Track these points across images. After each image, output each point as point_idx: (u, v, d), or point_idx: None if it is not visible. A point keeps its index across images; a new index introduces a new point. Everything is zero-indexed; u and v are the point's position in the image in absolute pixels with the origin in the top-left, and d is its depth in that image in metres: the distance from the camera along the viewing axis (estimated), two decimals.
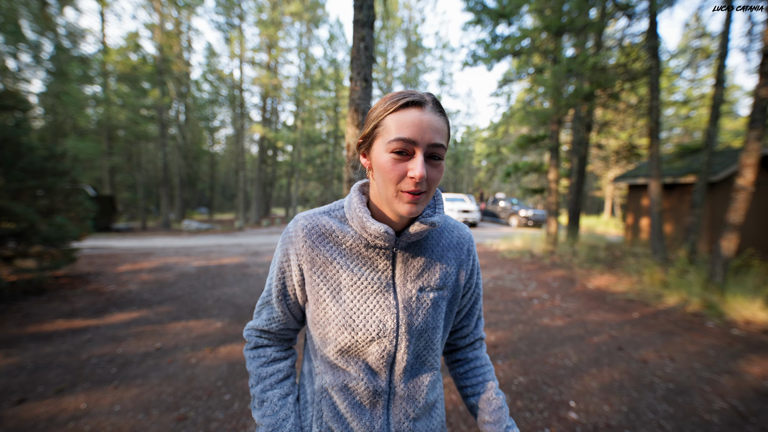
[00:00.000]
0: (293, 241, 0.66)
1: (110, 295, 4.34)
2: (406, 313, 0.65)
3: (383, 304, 0.64)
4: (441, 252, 0.70)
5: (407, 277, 0.66)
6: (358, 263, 0.65)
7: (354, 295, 0.64)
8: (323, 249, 0.65)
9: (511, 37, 7.99)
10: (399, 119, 0.55)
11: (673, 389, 2.46)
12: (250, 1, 18.10)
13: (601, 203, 30.86)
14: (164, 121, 16.46)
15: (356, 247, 0.65)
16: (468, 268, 0.74)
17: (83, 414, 2.03)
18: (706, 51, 10.11)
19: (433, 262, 0.69)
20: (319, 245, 0.65)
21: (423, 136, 0.54)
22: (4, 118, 4.46)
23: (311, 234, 0.65)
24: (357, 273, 0.64)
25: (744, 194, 4.41)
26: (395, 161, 0.55)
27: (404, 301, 0.65)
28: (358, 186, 0.68)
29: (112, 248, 8.07)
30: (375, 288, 0.64)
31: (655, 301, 4.54)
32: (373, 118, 0.59)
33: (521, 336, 3.38)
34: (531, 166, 9.04)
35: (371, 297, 0.64)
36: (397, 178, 0.55)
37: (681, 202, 8.03)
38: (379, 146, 0.57)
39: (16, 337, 3.05)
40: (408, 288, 0.66)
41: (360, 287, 0.64)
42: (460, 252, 0.72)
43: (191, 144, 21.31)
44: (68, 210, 4.86)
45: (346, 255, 0.65)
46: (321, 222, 0.67)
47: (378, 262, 0.65)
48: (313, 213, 0.69)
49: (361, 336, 0.62)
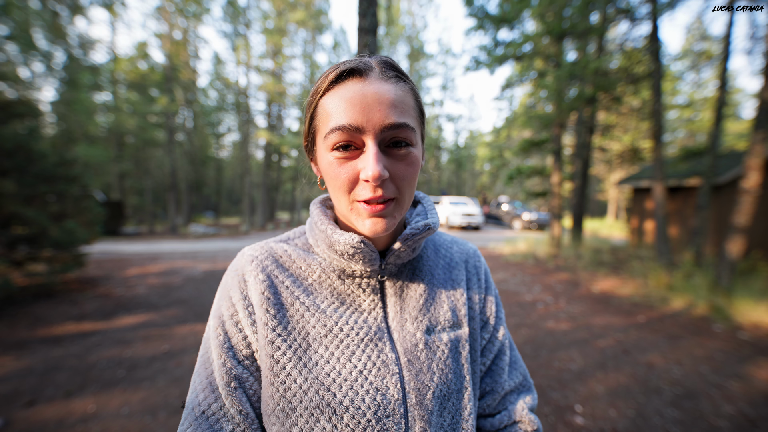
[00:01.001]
0: (239, 280, 0.46)
1: (118, 299, 4.40)
2: (412, 370, 0.43)
3: (377, 360, 0.43)
4: (445, 273, 0.52)
5: (406, 315, 0.47)
6: (333, 302, 0.45)
7: (330, 352, 0.42)
8: (280, 286, 0.45)
9: (513, 41, 8.05)
10: (335, 100, 0.39)
11: (680, 393, 2.44)
12: (256, 9, 18.45)
13: (604, 206, 30.63)
14: (172, 127, 16.73)
15: (327, 279, 0.47)
16: (480, 290, 0.54)
17: (92, 416, 2.06)
18: (709, 54, 10.10)
19: (437, 289, 0.50)
20: (275, 281, 0.46)
21: (370, 116, 0.37)
22: (17, 126, 4.58)
23: (263, 266, 0.46)
24: (332, 316, 0.44)
25: (749, 197, 4.38)
26: (340, 162, 0.39)
27: (407, 351, 0.44)
28: (319, 200, 0.52)
29: (120, 252, 8.18)
30: (361, 336, 0.44)
31: (661, 305, 4.49)
32: (307, 106, 0.43)
33: (526, 340, 3.37)
34: (534, 170, 9.04)
35: (357, 351, 0.43)
36: (347, 184, 0.39)
37: (686, 205, 7.97)
38: (321, 146, 0.42)
39: (27, 340, 3.10)
40: (409, 331, 0.46)
41: (339, 338, 0.43)
42: (467, 270, 0.55)
43: (198, 150, 21.59)
44: (78, 215, 4.96)
45: (314, 292, 0.46)
46: (276, 251, 0.49)
47: (361, 299, 0.46)
48: (264, 243, 0.51)
49: (349, 421, 0.39)
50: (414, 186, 0.42)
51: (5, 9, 6.31)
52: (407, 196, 0.41)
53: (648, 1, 5.91)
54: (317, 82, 0.42)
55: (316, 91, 0.42)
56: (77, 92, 12.64)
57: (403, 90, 0.40)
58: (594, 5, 6.71)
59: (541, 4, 7.04)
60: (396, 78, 0.40)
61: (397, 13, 24.95)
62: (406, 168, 0.40)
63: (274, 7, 17.95)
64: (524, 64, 8.81)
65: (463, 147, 34.44)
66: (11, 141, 4.17)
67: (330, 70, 0.41)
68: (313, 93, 0.42)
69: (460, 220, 14.83)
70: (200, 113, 22.10)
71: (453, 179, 34.76)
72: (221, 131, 26.47)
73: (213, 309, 0.48)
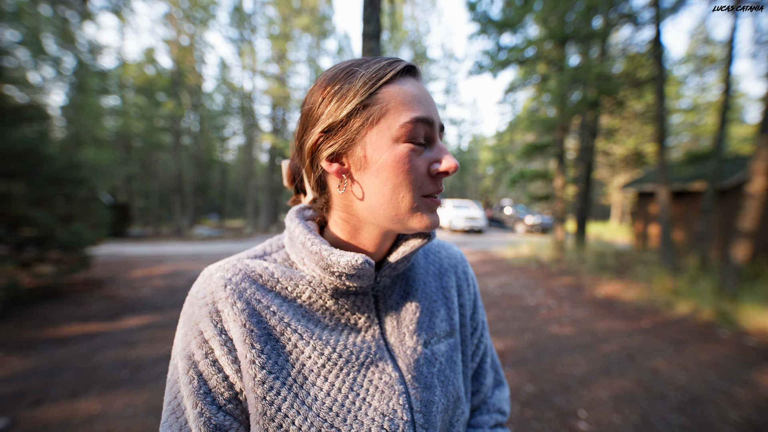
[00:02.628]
0: (209, 310, 0.38)
1: (124, 300, 4.44)
2: (418, 387, 0.41)
3: (379, 383, 0.40)
4: (436, 281, 0.50)
5: (404, 329, 0.44)
6: (327, 325, 0.41)
7: (330, 383, 0.38)
8: (265, 312, 0.39)
9: (516, 46, 8.08)
10: (406, 91, 0.37)
11: (685, 399, 2.41)
12: (262, 15, 18.71)
13: (608, 210, 30.43)
14: (178, 131, 16.93)
15: (318, 299, 0.41)
16: (470, 296, 0.54)
17: (96, 417, 2.08)
18: (712, 58, 10.08)
19: (430, 298, 0.48)
20: (258, 307, 0.39)
21: (435, 115, 0.39)
22: (27, 130, 4.67)
23: (239, 290, 0.39)
24: (329, 342, 0.40)
25: (755, 201, 4.35)
26: (415, 154, 0.37)
27: (410, 368, 0.42)
28: (296, 212, 0.45)
29: (126, 254, 8.25)
30: (362, 360, 0.40)
31: (666, 310, 4.45)
32: (349, 98, 0.37)
33: (529, 344, 3.36)
34: (537, 173, 9.03)
35: (359, 378, 0.40)
36: (420, 178, 0.38)
37: (690, 209, 7.90)
38: (380, 136, 0.37)
39: (33, 341, 3.14)
40: (409, 345, 0.43)
41: (338, 365, 0.39)
42: (456, 276, 0.53)
43: (203, 153, 21.81)
44: (85, 217, 5.02)
45: (306, 316, 0.40)
46: (254, 269, 0.41)
47: (356, 317, 0.43)
48: (234, 259, 0.43)
49: None
50: None
51: (17, 15, 6.46)
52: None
53: (651, 5, 5.92)
54: (372, 68, 0.37)
55: (375, 76, 0.37)
56: (86, 96, 12.87)
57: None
58: (596, 10, 6.74)
59: (543, 9, 7.08)
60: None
61: (401, 19, 25.16)
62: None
63: (280, 12, 18.19)
64: (527, 68, 8.84)
65: (466, 151, 34.46)
66: (21, 144, 4.25)
67: (390, 61, 0.38)
68: (368, 78, 0.37)
69: (462, 223, 14.80)
70: (206, 117, 22.34)
71: (456, 182, 34.75)
72: (226, 135, 26.71)
73: (177, 347, 0.39)
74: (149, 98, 17.13)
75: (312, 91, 0.40)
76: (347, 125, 0.37)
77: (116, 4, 14.37)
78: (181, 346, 0.39)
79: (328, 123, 0.38)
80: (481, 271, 6.99)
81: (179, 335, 0.40)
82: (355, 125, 0.37)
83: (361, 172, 0.38)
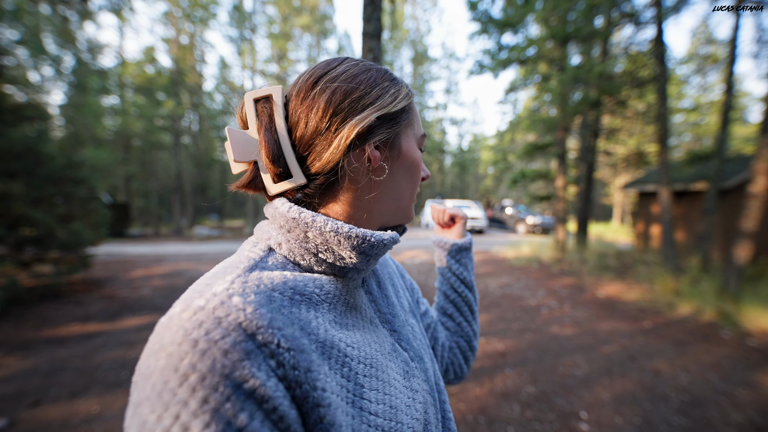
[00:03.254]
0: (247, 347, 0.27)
1: (123, 300, 4.43)
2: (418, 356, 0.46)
3: (399, 361, 0.42)
4: (384, 263, 0.58)
5: (392, 303, 0.48)
6: (349, 320, 0.39)
7: (376, 375, 0.37)
8: (310, 326, 0.33)
9: (517, 46, 8.06)
10: (416, 110, 0.46)
11: (687, 401, 2.40)
12: (262, 14, 18.68)
13: (609, 210, 30.41)
14: (178, 130, 16.92)
15: (338, 294, 0.39)
16: (405, 279, 0.63)
17: (95, 417, 2.07)
18: (715, 57, 10.04)
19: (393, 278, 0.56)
20: (304, 325, 0.33)
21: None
22: (26, 129, 4.66)
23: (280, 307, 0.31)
24: (357, 337, 0.38)
25: (757, 201, 4.33)
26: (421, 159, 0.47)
27: (407, 340, 0.46)
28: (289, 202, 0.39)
29: (125, 254, 8.25)
30: (381, 343, 0.41)
31: (668, 310, 4.44)
32: (402, 97, 0.41)
33: (530, 345, 3.34)
34: (538, 173, 9.01)
35: (389, 363, 0.40)
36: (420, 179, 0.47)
37: (692, 210, 7.89)
38: (410, 138, 0.44)
39: (33, 341, 3.14)
40: (402, 318, 0.48)
41: (373, 356, 0.38)
42: (389, 264, 0.61)
43: (203, 152, 21.80)
44: (85, 217, 5.02)
45: (336, 318, 0.37)
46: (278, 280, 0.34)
47: (360, 301, 0.43)
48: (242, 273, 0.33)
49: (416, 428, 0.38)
50: None
51: (17, 14, 6.45)
52: None
53: (653, 5, 5.90)
54: (404, 89, 0.42)
55: (409, 93, 0.43)
56: (85, 96, 12.85)
57: None
58: (598, 9, 6.71)
59: (545, 9, 7.05)
60: None
61: (401, 18, 25.12)
62: None
63: (280, 12, 18.17)
64: (528, 67, 8.81)
65: (467, 150, 34.43)
66: (20, 144, 4.24)
67: (409, 90, 0.44)
68: (407, 93, 0.43)
69: None
70: (206, 116, 22.32)
71: (456, 183, 34.72)
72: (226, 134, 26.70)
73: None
74: (149, 97, 17.11)
75: (353, 74, 0.39)
76: (397, 119, 0.41)
77: (116, 3, 14.36)
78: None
79: (384, 111, 0.39)
80: (482, 271, 6.98)
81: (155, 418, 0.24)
82: (402, 121, 0.42)
83: (400, 166, 0.42)
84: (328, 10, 21.05)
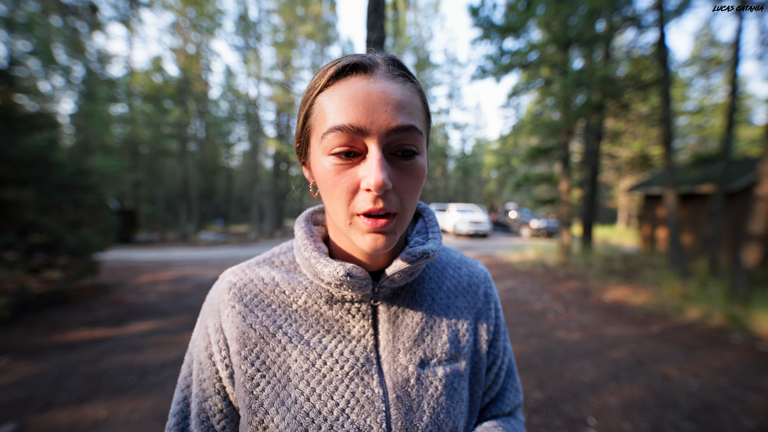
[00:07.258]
0: (215, 309, 0.43)
1: (130, 306, 4.47)
2: (401, 409, 0.39)
3: (361, 396, 0.39)
4: (446, 300, 0.47)
5: (399, 345, 0.42)
6: (318, 331, 0.41)
7: (311, 388, 0.38)
8: (261, 315, 0.41)
9: (519, 50, 8.10)
10: (334, 98, 0.34)
11: (697, 406, 2.36)
12: (267, 23, 18.99)
13: (614, 213, 30.13)
14: (184, 137, 17.17)
15: (314, 305, 0.42)
16: (490, 321, 0.49)
17: (103, 422, 2.08)
18: (718, 60, 10.00)
19: (436, 316, 0.45)
20: (254, 310, 0.41)
21: (374, 117, 0.33)
22: (37, 138, 4.76)
23: (241, 294, 0.42)
24: (316, 348, 0.40)
25: (764, 204, 4.28)
26: (339, 168, 0.34)
27: (396, 386, 0.40)
28: (306, 215, 0.47)
29: (132, 260, 8.33)
30: (346, 370, 0.40)
31: (676, 315, 4.38)
32: (302, 103, 0.38)
33: (536, 350, 3.31)
34: (542, 177, 8.98)
35: (340, 387, 0.39)
36: (345, 195, 0.34)
37: (699, 212, 7.80)
38: (315, 148, 0.36)
39: (42, 346, 3.17)
40: (401, 363, 0.41)
41: (321, 372, 0.39)
42: (475, 298, 0.49)
43: (209, 159, 22.06)
44: (94, 223, 5.09)
45: (298, 321, 0.41)
46: (257, 275, 0.44)
47: (350, 324, 0.42)
48: (246, 265, 0.46)
49: None
50: (417, 199, 0.37)
51: (28, 26, 6.63)
52: (410, 210, 0.36)
53: (655, 8, 5.92)
54: (314, 77, 0.36)
55: (312, 87, 0.36)
56: (94, 105, 13.11)
57: (411, 91, 0.36)
58: (599, 14, 6.74)
59: (546, 14, 7.10)
60: (403, 77, 0.36)
61: (404, 25, 25.39)
62: (411, 180, 0.35)
63: (284, 20, 18.46)
64: (530, 72, 8.84)
65: (470, 155, 34.43)
66: (31, 152, 4.33)
67: (330, 65, 0.35)
68: (309, 89, 0.36)
69: (467, 227, 14.75)
70: (212, 124, 22.63)
71: (460, 187, 34.69)
72: (232, 141, 27.00)
73: (193, 334, 0.46)
74: (156, 106, 17.40)
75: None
76: (303, 134, 0.39)
77: (125, 15, 14.69)
78: (194, 336, 0.45)
79: (297, 130, 0.40)
80: None
81: (196, 325, 0.46)
82: (307, 135, 0.38)
83: (316, 181, 0.39)
84: (332, 19, 21.34)
